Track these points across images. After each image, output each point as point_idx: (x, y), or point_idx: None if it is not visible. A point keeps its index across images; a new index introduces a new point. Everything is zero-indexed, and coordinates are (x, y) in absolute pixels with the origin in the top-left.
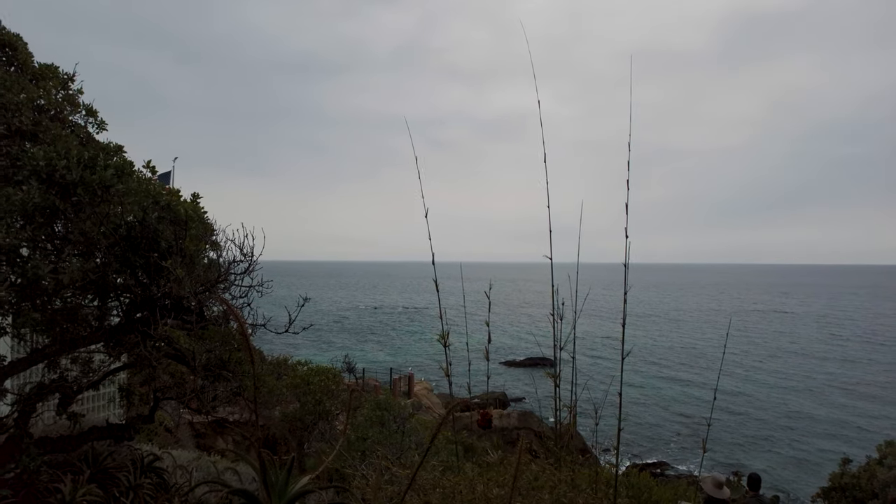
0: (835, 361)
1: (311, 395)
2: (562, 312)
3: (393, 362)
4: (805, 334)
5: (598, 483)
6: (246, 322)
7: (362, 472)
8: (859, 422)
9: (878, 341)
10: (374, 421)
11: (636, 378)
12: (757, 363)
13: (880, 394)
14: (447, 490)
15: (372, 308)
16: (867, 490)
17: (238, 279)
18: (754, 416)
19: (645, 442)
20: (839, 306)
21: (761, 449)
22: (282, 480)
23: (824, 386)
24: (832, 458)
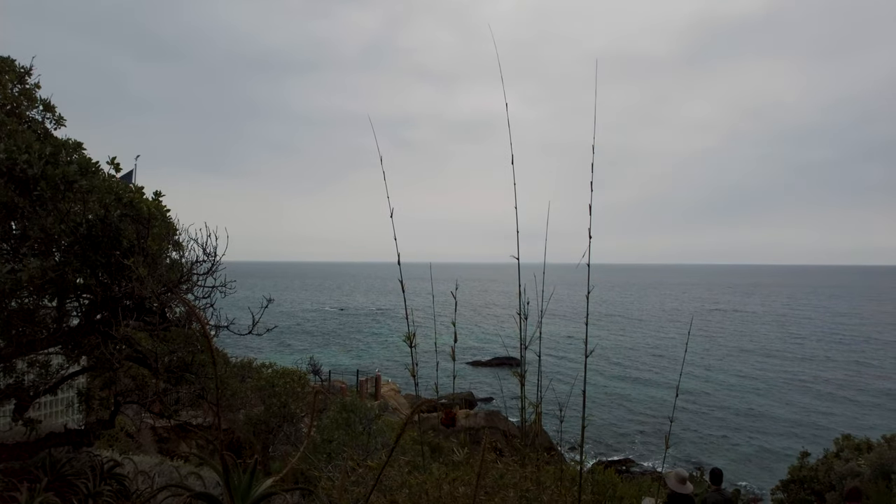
0: (793, 360)
1: (276, 397)
2: (527, 312)
3: (360, 364)
4: (765, 333)
5: (564, 480)
6: (209, 323)
7: (328, 473)
8: (817, 417)
9: (835, 340)
10: (340, 423)
11: (601, 378)
12: (718, 362)
13: (837, 391)
14: (414, 489)
15: (338, 310)
16: (825, 482)
17: (201, 279)
18: (716, 414)
19: (610, 440)
20: (798, 306)
21: (723, 445)
22: (245, 483)
23: (783, 383)
24: (791, 452)
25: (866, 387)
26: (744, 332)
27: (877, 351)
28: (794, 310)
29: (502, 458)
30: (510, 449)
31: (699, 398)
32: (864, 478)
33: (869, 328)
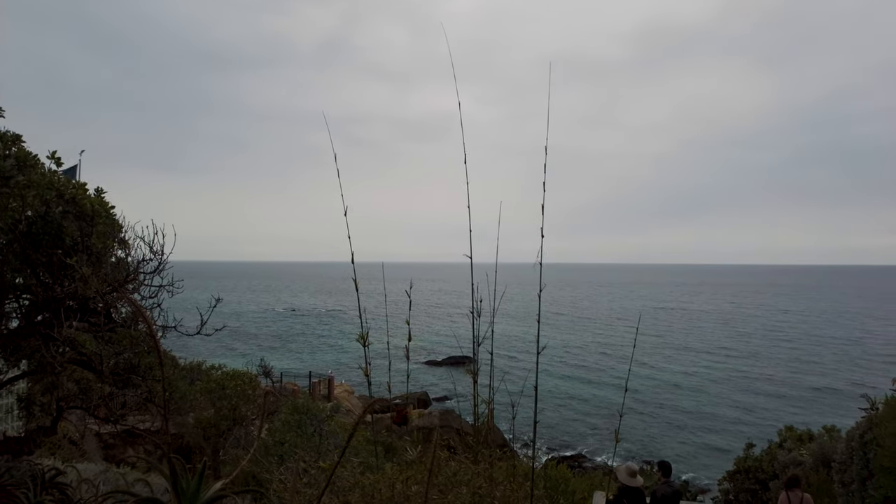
0: (739, 356)
1: (226, 399)
2: (480, 310)
3: (313, 365)
4: (711, 331)
5: (516, 476)
6: (155, 324)
7: (280, 476)
8: (762, 411)
9: (780, 337)
10: (292, 425)
11: (553, 376)
12: (665, 359)
13: (781, 385)
14: (366, 490)
15: (290, 310)
16: (769, 471)
17: (148, 278)
18: (664, 410)
19: (563, 436)
20: (744, 304)
21: (672, 440)
22: (193, 487)
23: (730, 379)
24: (737, 444)
25: (808, 382)
26: (690, 330)
27: (817, 347)
28: (740, 308)
29: (456, 456)
30: (464, 447)
31: (648, 395)
32: (805, 466)
33: (810, 325)
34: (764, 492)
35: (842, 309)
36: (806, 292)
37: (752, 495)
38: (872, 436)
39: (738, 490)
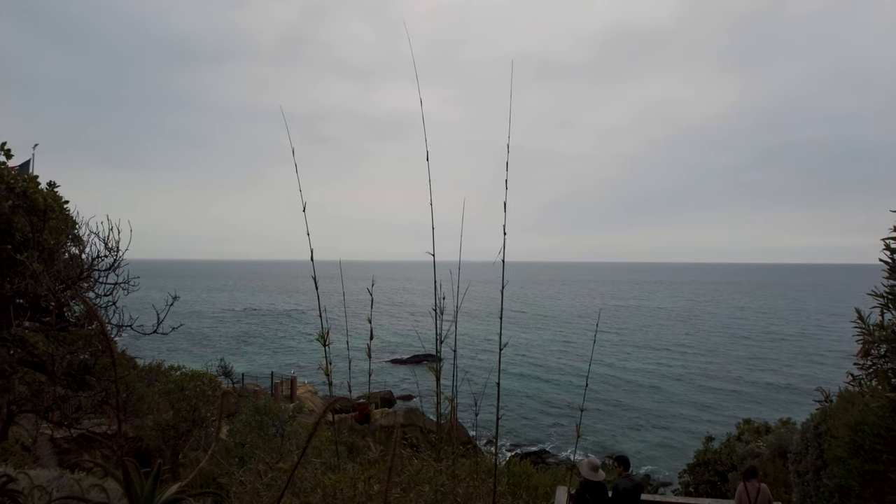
0: (697, 352)
1: (185, 401)
2: (443, 307)
3: (275, 366)
4: (670, 327)
5: (479, 472)
6: (108, 322)
7: (241, 478)
8: (721, 405)
9: (738, 334)
10: (253, 426)
11: (516, 373)
12: (626, 356)
13: (739, 380)
14: (328, 490)
15: (251, 310)
16: (727, 463)
17: (102, 276)
18: (626, 405)
19: (527, 433)
20: (702, 301)
21: (635, 434)
22: (147, 491)
23: (688, 375)
24: (697, 438)
25: (764, 377)
26: (650, 327)
27: (773, 343)
28: (699, 305)
29: (418, 454)
30: (427, 445)
31: (609, 391)
32: (762, 458)
33: (767, 322)
34: (723, 483)
35: (798, 306)
36: (764, 290)
37: (711, 487)
38: (826, 427)
39: (697, 482)
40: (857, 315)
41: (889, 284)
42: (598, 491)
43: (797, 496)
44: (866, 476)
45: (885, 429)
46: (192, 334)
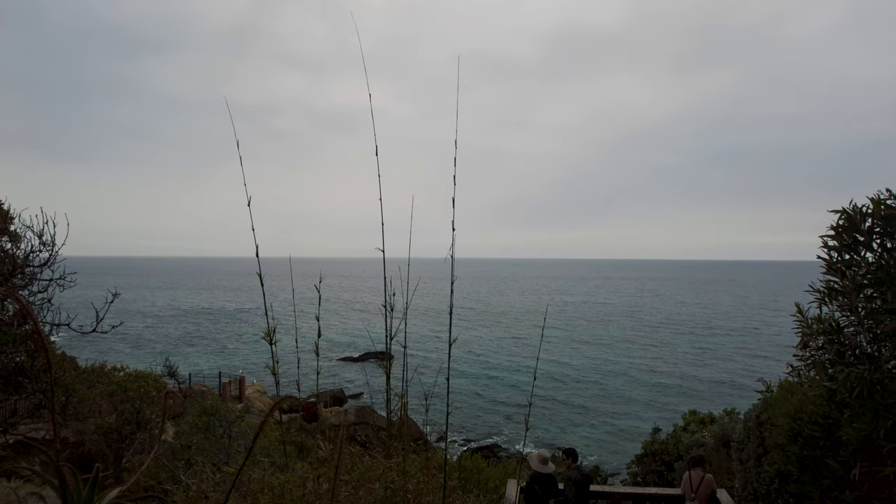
0: (643, 346)
1: (129, 403)
2: (393, 303)
3: (223, 366)
4: (617, 322)
5: (430, 468)
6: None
7: (186, 481)
8: (667, 398)
9: (683, 329)
10: (199, 427)
11: (467, 369)
12: (574, 350)
13: (684, 373)
14: (276, 490)
15: (198, 308)
16: (674, 453)
17: (37, 272)
18: (576, 399)
19: (479, 428)
20: (648, 297)
21: (584, 427)
22: (85, 497)
23: (635, 368)
24: (645, 429)
25: (709, 370)
26: (597, 322)
27: (717, 337)
28: (645, 300)
29: (368, 451)
30: (378, 442)
31: (558, 385)
32: (707, 447)
33: (710, 317)
34: (669, 472)
35: (741, 301)
36: (708, 286)
37: (658, 476)
38: (767, 416)
39: (645, 472)
40: (797, 309)
41: (826, 280)
42: (547, 483)
43: (740, 482)
44: (804, 462)
45: (822, 416)
46: (136, 334)
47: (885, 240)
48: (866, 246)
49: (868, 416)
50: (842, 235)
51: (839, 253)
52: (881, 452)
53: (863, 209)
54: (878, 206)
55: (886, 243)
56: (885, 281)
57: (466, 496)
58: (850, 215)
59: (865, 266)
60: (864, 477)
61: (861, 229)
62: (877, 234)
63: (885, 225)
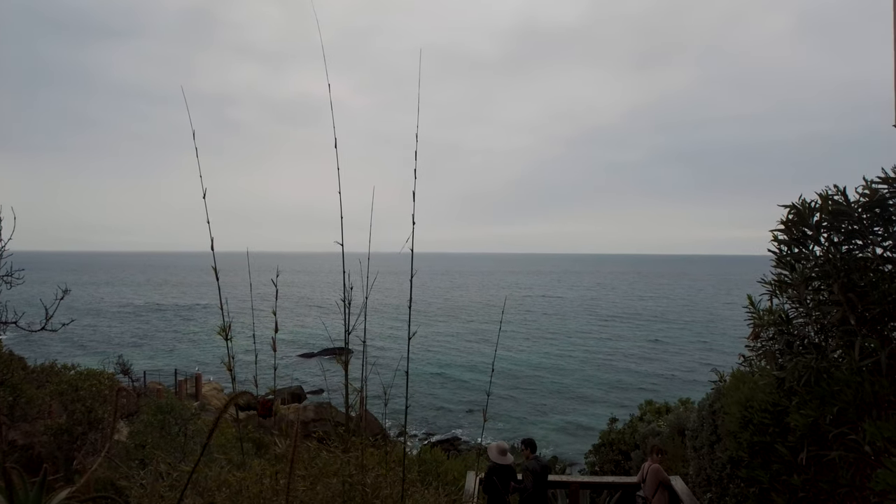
0: (600, 339)
1: (80, 402)
2: (351, 297)
3: (179, 363)
4: (574, 316)
5: (389, 462)
6: None
7: (140, 481)
8: (624, 389)
9: (639, 322)
10: (154, 426)
11: (426, 363)
12: (532, 343)
13: (640, 364)
14: (233, 487)
15: (153, 304)
16: (630, 443)
17: None
18: (534, 391)
19: (440, 421)
20: (604, 290)
21: (542, 418)
22: (33, 498)
23: (592, 360)
24: (603, 420)
25: (665, 361)
26: (554, 315)
27: (673, 330)
28: (602, 294)
29: (326, 447)
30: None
31: (517, 378)
32: (663, 436)
33: (665, 310)
34: (626, 461)
35: (696, 295)
36: (663, 279)
37: (615, 465)
38: (720, 405)
39: (602, 461)
40: (749, 301)
41: (776, 273)
42: (505, 474)
43: (693, 469)
44: (754, 447)
45: (772, 404)
46: (88, 331)
47: (831, 234)
48: (814, 240)
49: (815, 403)
50: (791, 230)
51: (789, 247)
52: (827, 437)
53: (811, 205)
54: (826, 202)
55: (833, 238)
56: (831, 274)
57: (426, 489)
58: (800, 210)
59: (813, 259)
60: (811, 461)
61: (809, 224)
62: (824, 228)
63: (832, 220)
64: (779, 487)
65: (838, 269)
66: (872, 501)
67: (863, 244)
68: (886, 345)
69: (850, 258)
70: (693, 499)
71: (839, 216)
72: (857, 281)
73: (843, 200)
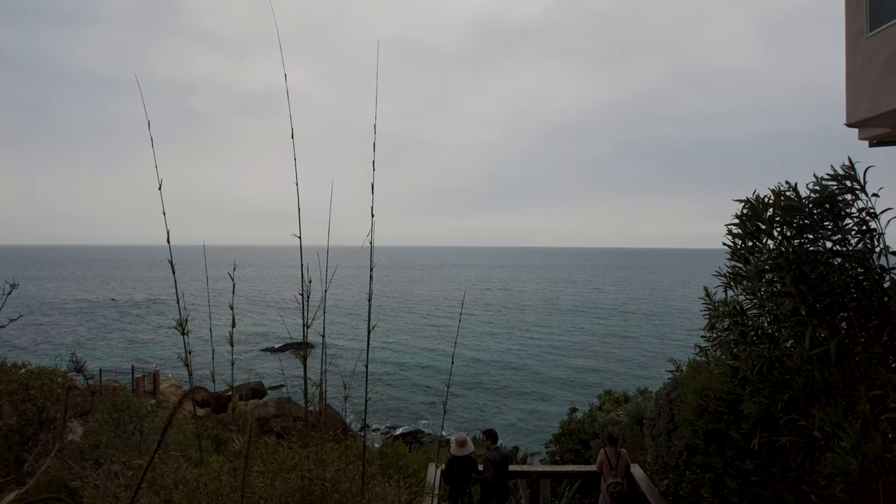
0: (559, 331)
1: (31, 402)
2: (309, 291)
3: (137, 360)
4: (533, 308)
5: (349, 455)
6: None
7: (94, 481)
8: (583, 379)
9: (597, 314)
10: (110, 425)
11: (388, 357)
12: (492, 336)
13: (599, 355)
14: (191, 485)
15: (109, 299)
16: (590, 432)
17: None
18: (495, 382)
19: (402, 415)
20: (563, 283)
21: (504, 409)
22: None
23: (552, 352)
24: (563, 410)
25: (623, 353)
26: (513, 309)
27: (630, 322)
28: (559, 286)
29: (283, 442)
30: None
31: (478, 370)
32: (622, 425)
33: (622, 302)
34: (586, 450)
35: (653, 287)
36: (622, 272)
37: (575, 454)
38: (677, 394)
39: (563, 451)
40: (705, 293)
41: (731, 265)
42: (466, 464)
43: (651, 457)
44: (710, 435)
45: (726, 392)
46: (40, 328)
47: (784, 228)
48: (767, 234)
49: (767, 390)
50: (745, 224)
51: (743, 241)
52: (779, 424)
53: (765, 199)
54: (779, 197)
55: (786, 231)
56: (783, 266)
57: (387, 482)
58: (753, 205)
59: (766, 252)
60: (763, 447)
61: (763, 218)
62: (777, 222)
63: (784, 214)
64: (733, 473)
65: (790, 261)
66: (821, 484)
67: (814, 238)
68: (835, 335)
69: (802, 251)
70: (651, 485)
71: (791, 211)
72: (808, 273)
73: (795, 196)
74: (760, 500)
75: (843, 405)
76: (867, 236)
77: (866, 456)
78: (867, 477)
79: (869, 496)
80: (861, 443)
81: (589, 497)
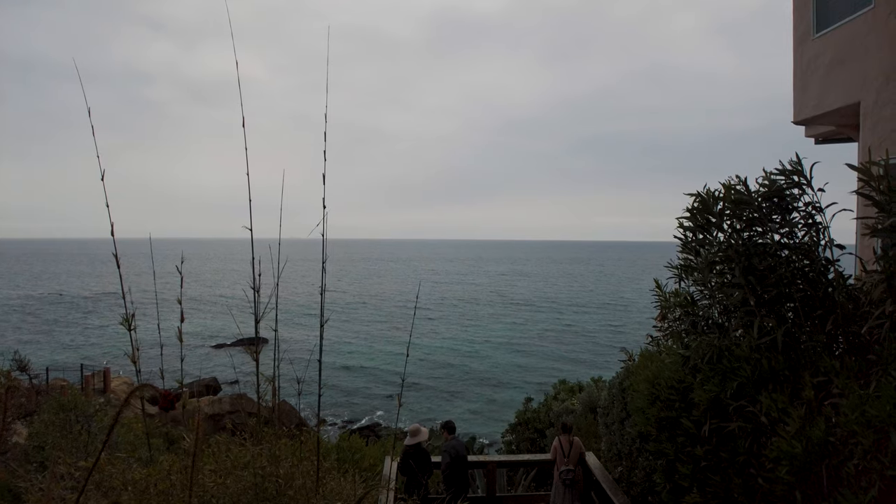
0: (513, 323)
1: None
2: (260, 285)
3: (86, 357)
4: (487, 301)
5: (304, 452)
6: None
7: (40, 484)
8: (538, 369)
9: (551, 306)
10: (56, 425)
11: (343, 352)
12: (447, 329)
13: (552, 346)
14: (140, 485)
15: (53, 295)
16: (545, 421)
17: None
18: (452, 375)
19: (359, 409)
20: (516, 276)
21: (460, 401)
22: None
23: (506, 344)
24: (518, 400)
25: (577, 343)
26: (467, 302)
27: (584, 314)
28: (512, 279)
29: (238, 438)
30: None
31: (433, 363)
32: (576, 413)
33: (576, 294)
34: (541, 439)
35: (605, 279)
36: (575, 265)
37: (531, 443)
38: (629, 383)
39: (519, 440)
40: (657, 285)
41: (682, 257)
42: (421, 456)
43: (605, 444)
44: (662, 422)
45: (678, 381)
46: None
47: (734, 221)
48: (718, 227)
49: (717, 378)
50: (696, 217)
51: (693, 233)
52: (728, 410)
53: (715, 193)
54: (729, 191)
55: (735, 224)
56: (733, 258)
57: (342, 477)
58: (704, 199)
59: (717, 245)
60: (713, 433)
61: (713, 211)
62: (727, 216)
63: (734, 208)
64: (684, 458)
65: (740, 253)
66: (768, 468)
67: (762, 231)
68: (782, 324)
69: (751, 244)
70: (605, 472)
71: (741, 205)
72: (756, 265)
73: (745, 190)
74: (710, 484)
75: (789, 392)
76: (813, 229)
77: (810, 440)
78: (811, 460)
79: (813, 478)
80: (805, 427)
81: (545, 485)
